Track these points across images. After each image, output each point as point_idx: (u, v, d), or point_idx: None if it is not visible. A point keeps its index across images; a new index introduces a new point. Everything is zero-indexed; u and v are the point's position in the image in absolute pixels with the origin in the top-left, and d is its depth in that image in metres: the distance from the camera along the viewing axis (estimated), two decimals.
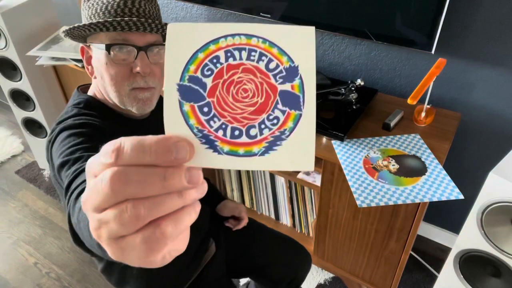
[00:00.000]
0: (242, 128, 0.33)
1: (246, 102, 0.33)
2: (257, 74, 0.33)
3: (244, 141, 0.33)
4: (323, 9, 1.41)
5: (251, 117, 0.33)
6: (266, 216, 1.80)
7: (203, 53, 0.33)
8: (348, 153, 1.25)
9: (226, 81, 0.33)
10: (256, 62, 0.33)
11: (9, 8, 1.77)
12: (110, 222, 0.27)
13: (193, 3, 1.80)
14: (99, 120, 0.82)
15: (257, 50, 0.33)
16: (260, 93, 0.33)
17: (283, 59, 0.33)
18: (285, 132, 0.33)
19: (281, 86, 0.33)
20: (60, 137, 0.76)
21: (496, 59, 1.31)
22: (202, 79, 0.33)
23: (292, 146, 0.33)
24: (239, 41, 0.33)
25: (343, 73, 1.67)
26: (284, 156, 0.33)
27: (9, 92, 2.05)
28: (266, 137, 0.33)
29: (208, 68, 0.33)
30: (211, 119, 0.33)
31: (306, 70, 0.33)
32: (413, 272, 1.71)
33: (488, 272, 1.11)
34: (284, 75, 0.33)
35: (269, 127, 0.33)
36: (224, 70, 0.33)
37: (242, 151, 0.33)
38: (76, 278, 1.79)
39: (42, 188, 2.25)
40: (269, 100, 0.33)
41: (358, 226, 1.37)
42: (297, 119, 0.33)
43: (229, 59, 0.33)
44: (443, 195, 1.09)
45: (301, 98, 0.33)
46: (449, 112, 1.41)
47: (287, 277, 1.27)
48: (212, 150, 0.33)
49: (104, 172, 0.27)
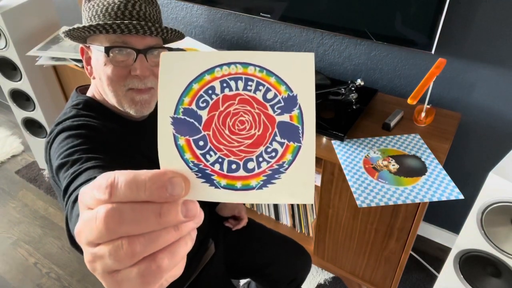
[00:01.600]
0: (239, 162, 0.32)
1: (243, 134, 0.32)
2: (254, 105, 0.32)
3: (242, 174, 0.32)
4: (323, 9, 1.40)
5: (249, 150, 0.32)
6: (266, 216, 1.79)
7: (197, 83, 0.32)
8: (348, 153, 1.25)
9: (222, 113, 0.32)
10: (253, 92, 0.32)
11: (9, 8, 1.77)
12: (104, 257, 0.27)
13: (193, 3, 1.80)
14: (97, 121, 0.82)
15: (254, 80, 0.32)
16: (257, 125, 0.32)
17: (281, 89, 0.32)
18: (283, 165, 0.32)
19: (279, 117, 0.32)
20: (59, 138, 0.76)
21: (496, 59, 1.31)
22: (197, 112, 0.32)
23: (291, 179, 0.32)
24: (235, 71, 0.31)
25: (343, 73, 1.67)
26: (283, 189, 0.32)
27: (9, 92, 2.05)
28: (264, 171, 0.32)
29: (203, 100, 0.32)
30: (207, 152, 0.32)
31: (306, 99, 0.31)
32: (413, 272, 1.71)
33: (488, 272, 1.11)
34: (283, 105, 0.32)
35: (267, 160, 0.32)
36: (220, 101, 0.32)
37: (240, 185, 0.32)
38: (76, 278, 1.79)
39: (42, 188, 2.25)
40: (267, 132, 0.32)
41: (358, 226, 1.37)
42: (296, 151, 0.32)
43: (225, 89, 0.32)
44: (443, 195, 1.09)
45: (300, 129, 0.32)
46: (449, 112, 1.41)
47: (287, 277, 1.27)
48: (208, 184, 0.32)
49: (98, 208, 0.27)
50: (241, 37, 1.86)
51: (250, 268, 1.26)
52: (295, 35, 1.69)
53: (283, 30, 1.71)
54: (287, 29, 1.70)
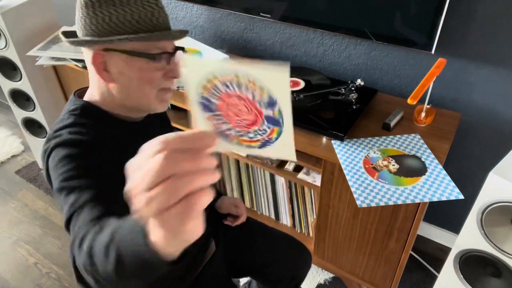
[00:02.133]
0: (242, 132, 0.48)
1: (242, 117, 0.47)
2: (247, 101, 0.45)
3: (246, 139, 0.48)
4: (323, 9, 1.41)
5: (247, 128, 0.47)
6: (266, 216, 1.79)
7: (208, 83, 0.45)
8: (348, 153, 1.25)
9: (227, 102, 0.46)
10: (244, 93, 0.44)
11: (9, 8, 1.77)
12: (158, 195, 0.36)
13: (193, 3, 1.80)
14: (95, 129, 0.83)
15: (243, 84, 0.43)
16: (251, 114, 0.46)
17: (264, 94, 0.43)
18: (271, 139, 0.47)
19: (265, 112, 0.45)
20: (56, 154, 0.77)
21: (497, 59, 1.31)
22: (211, 99, 0.46)
23: (278, 147, 0.48)
24: (230, 77, 0.43)
25: (343, 73, 1.67)
26: (273, 151, 0.48)
27: (9, 92, 2.05)
28: (259, 139, 0.48)
29: (212, 93, 0.46)
30: (222, 123, 0.48)
31: (283, 102, 0.43)
32: (413, 272, 1.71)
33: (488, 272, 1.11)
34: (266, 104, 0.44)
35: (261, 135, 0.47)
36: (224, 95, 0.45)
37: (245, 145, 0.49)
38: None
39: (42, 188, 2.25)
40: (258, 119, 0.46)
41: (358, 226, 1.37)
42: (279, 134, 0.46)
43: (226, 89, 0.45)
44: (443, 195, 1.09)
45: (281, 120, 0.45)
46: (449, 112, 1.41)
47: (287, 275, 1.27)
48: (225, 141, 0.49)
49: (155, 156, 0.36)
50: (241, 37, 1.86)
51: (250, 267, 1.27)
52: (295, 35, 1.69)
53: (283, 30, 1.71)
54: (287, 29, 1.70)
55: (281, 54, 1.79)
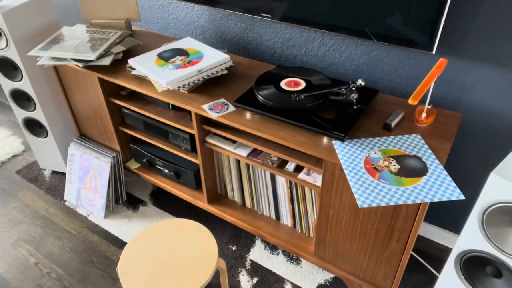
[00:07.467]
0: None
1: None
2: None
3: None
4: (324, 9, 1.40)
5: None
6: (266, 216, 1.79)
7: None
8: (349, 153, 1.25)
9: None
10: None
11: (10, 8, 1.77)
12: None
13: (194, 3, 1.80)
14: None
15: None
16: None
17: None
18: None
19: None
20: None
21: (497, 59, 1.31)
22: None
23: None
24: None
25: (344, 73, 1.67)
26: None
27: (9, 92, 2.05)
28: None
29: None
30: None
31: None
32: (414, 273, 1.71)
33: (489, 272, 1.11)
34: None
35: None
36: None
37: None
38: (76, 278, 1.79)
39: (42, 188, 2.25)
40: None
41: (359, 226, 1.37)
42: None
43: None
44: (444, 196, 1.09)
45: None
46: (450, 112, 1.41)
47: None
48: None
49: None
50: (241, 37, 1.86)
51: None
52: (296, 35, 1.69)
53: (284, 30, 1.71)
54: (288, 29, 1.70)
55: (282, 54, 1.79)
